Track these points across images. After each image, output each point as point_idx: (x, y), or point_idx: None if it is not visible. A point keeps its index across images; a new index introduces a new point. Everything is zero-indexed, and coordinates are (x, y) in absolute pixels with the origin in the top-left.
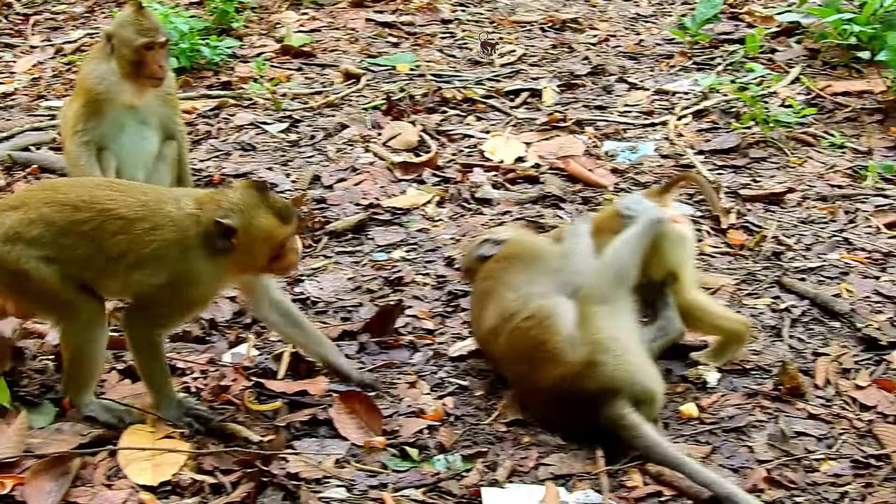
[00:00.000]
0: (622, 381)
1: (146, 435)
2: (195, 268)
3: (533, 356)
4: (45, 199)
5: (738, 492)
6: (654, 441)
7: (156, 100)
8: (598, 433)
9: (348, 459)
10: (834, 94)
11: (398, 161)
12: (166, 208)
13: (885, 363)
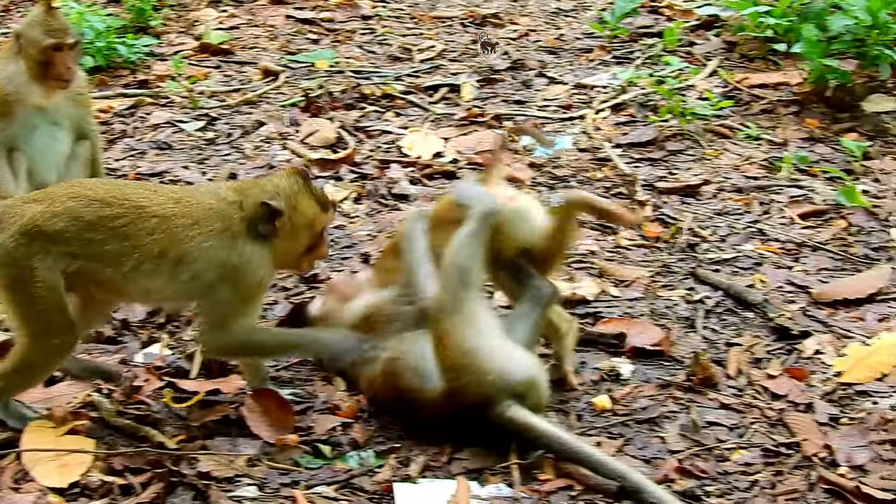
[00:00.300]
0: (494, 387)
1: (48, 433)
2: (246, 254)
3: (405, 399)
4: (71, 194)
5: (646, 482)
6: (554, 436)
7: (67, 100)
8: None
9: (260, 458)
10: (751, 87)
11: (315, 158)
12: (204, 201)
13: (796, 352)
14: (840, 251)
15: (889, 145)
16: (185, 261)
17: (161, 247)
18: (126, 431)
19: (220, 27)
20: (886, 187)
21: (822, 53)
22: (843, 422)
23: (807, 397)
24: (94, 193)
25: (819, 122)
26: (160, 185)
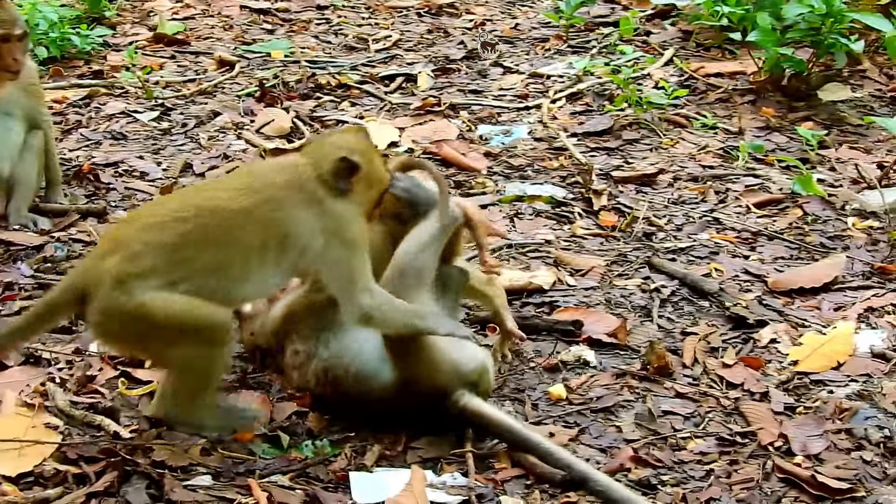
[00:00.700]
0: (447, 377)
1: (22, 421)
2: (338, 211)
3: (352, 397)
4: (139, 228)
5: (592, 471)
6: (505, 424)
7: (19, 91)
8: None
9: (215, 447)
10: (706, 76)
11: (271, 148)
12: (273, 179)
13: (752, 341)
14: (796, 240)
15: (845, 134)
16: (287, 242)
17: (258, 238)
18: (80, 420)
19: (175, 17)
20: (842, 176)
21: (778, 42)
22: (799, 411)
23: (762, 386)
24: (160, 218)
25: (775, 111)
26: (212, 180)
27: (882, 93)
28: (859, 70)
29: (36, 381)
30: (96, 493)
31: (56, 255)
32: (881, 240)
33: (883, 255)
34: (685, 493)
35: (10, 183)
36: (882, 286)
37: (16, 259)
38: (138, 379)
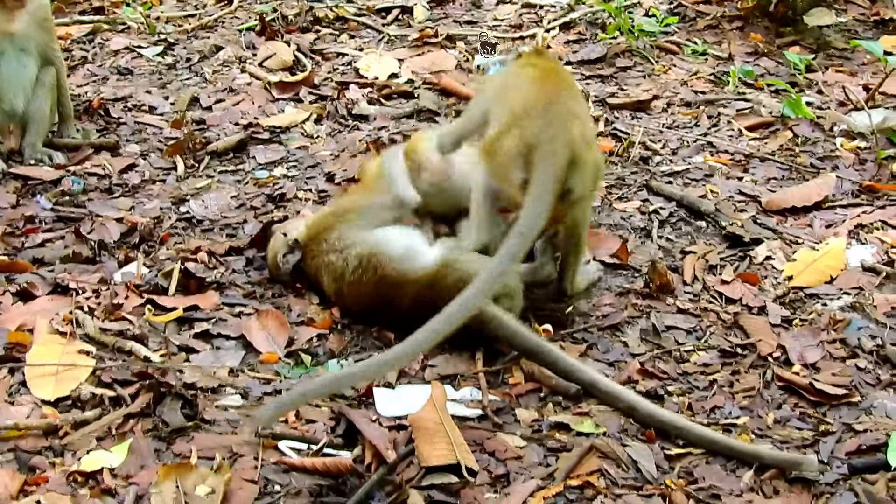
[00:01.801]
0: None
1: (56, 348)
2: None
3: (382, 294)
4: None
5: (600, 377)
6: (515, 329)
7: (32, 26)
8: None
9: (242, 369)
10: (696, 3)
11: (275, 81)
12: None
13: (748, 258)
14: (787, 161)
15: (831, 58)
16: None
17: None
18: (111, 346)
19: None
20: (829, 99)
21: None
22: (795, 323)
23: (760, 301)
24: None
25: (763, 37)
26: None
27: (865, 17)
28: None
29: (65, 310)
30: (133, 413)
31: (73, 188)
32: (868, 159)
33: (870, 174)
34: (691, 403)
35: (25, 119)
36: (870, 203)
37: (34, 193)
38: (163, 306)
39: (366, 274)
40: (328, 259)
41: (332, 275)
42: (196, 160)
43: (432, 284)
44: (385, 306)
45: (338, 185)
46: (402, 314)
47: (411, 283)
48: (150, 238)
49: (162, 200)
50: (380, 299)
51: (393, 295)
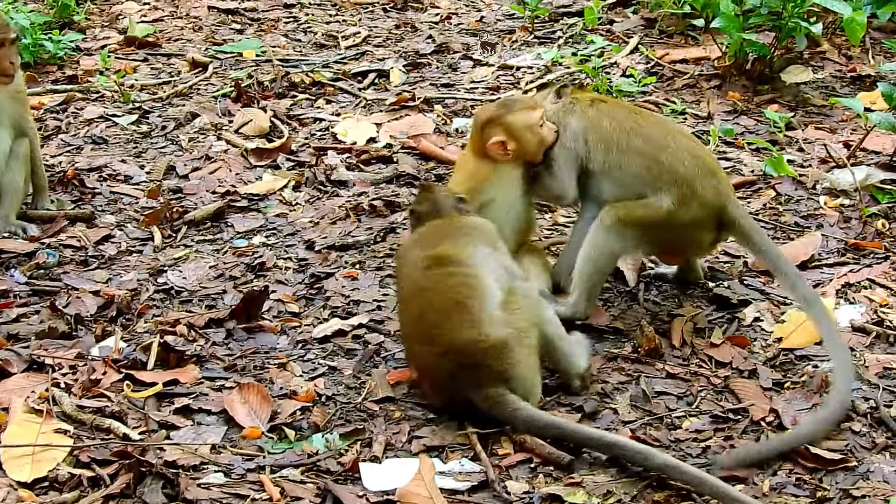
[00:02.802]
0: (517, 377)
1: (32, 427)
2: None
3: (449, 309)
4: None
5: (621, 438)
6: (532, 413)
7: (7, 98)
8: (461, 405)
9: (225, 445)
10: (672, 62)
11: (252, 147)
12: None
13: (737, 321)
14: (771, 220)
15: (810, 115)
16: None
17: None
18: (89, 424)
19: (144, 20)
20: (811, 156)
21: (740, 27)
22: (787, 386)
23: (750, 364)
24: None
25: (741, 95)
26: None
27: (842, 73)
28: (819, 52)
29: (41, 388)
30: (113, 494)
31: (48, 261)
32: (853, 217)
33: (855, 232)
34: None
35: None
36: (857, 262)
37: (8, 267)
38: (142, 381)
39: (455, 279)
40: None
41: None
42: (173, 230)
43: (482, 351)
44: (427, 322)
45: (318, 252)
46: (427, 345)
47: (472, 329)
48: (127, 311)
49: (139, 272)
50: (438, 313)
51: (449, 322)
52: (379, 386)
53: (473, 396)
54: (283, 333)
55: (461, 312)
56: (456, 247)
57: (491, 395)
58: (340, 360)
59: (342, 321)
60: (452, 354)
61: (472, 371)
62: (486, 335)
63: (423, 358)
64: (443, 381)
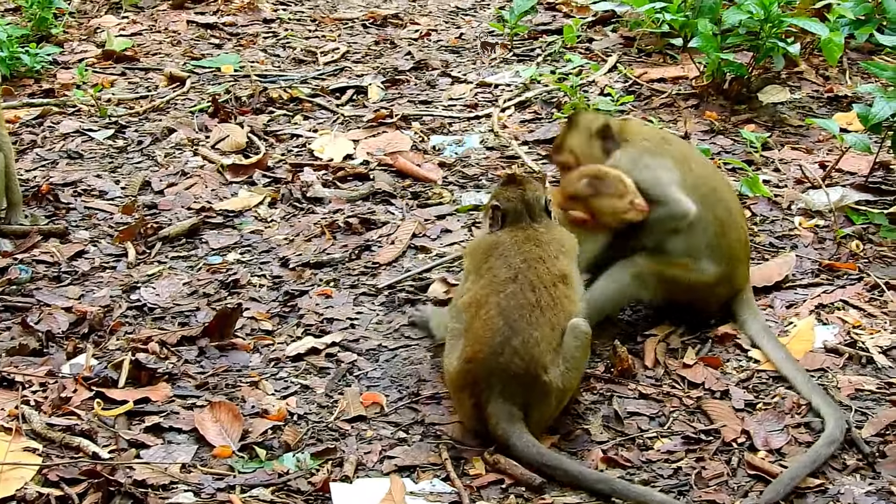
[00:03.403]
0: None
1: (0, 445)
2: None
3: (549, 328)
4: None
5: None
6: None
7: None
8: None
9: (195, 464)
10: (650, 81)
11: (228, 163)
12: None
13: (710, 341)
14: None
15: (786, 135)
16: None
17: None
18: (58, 443)
19: (122, 34)
20: (786, 176)
21: (718, 47)
22: (759, 407)
23: (723, 384)
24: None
25: (718, 115)
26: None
27: (819, 93)
28: (797, 72)
29: (10, 405)
30: None
31: (20, 276)
32: (827, 238)
33: (830, 253)
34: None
35: None
36: (831, 283)
37: None
38: (113, 399)
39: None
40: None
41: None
42: (147, 246)
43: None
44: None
45: (292, 269)
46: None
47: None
48: (99, 328)
49: (112, 288)
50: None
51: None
52: (351, 405)
53: (494, 404)
54: (256, 351)
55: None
56: (570, 268)
57: (511, 414)
58: (313, 379)
59: (315, 339)
60: (519, 361)
61: (518, 387)
62: (551, 378)
63: (489, 327)
64: (487, 374)
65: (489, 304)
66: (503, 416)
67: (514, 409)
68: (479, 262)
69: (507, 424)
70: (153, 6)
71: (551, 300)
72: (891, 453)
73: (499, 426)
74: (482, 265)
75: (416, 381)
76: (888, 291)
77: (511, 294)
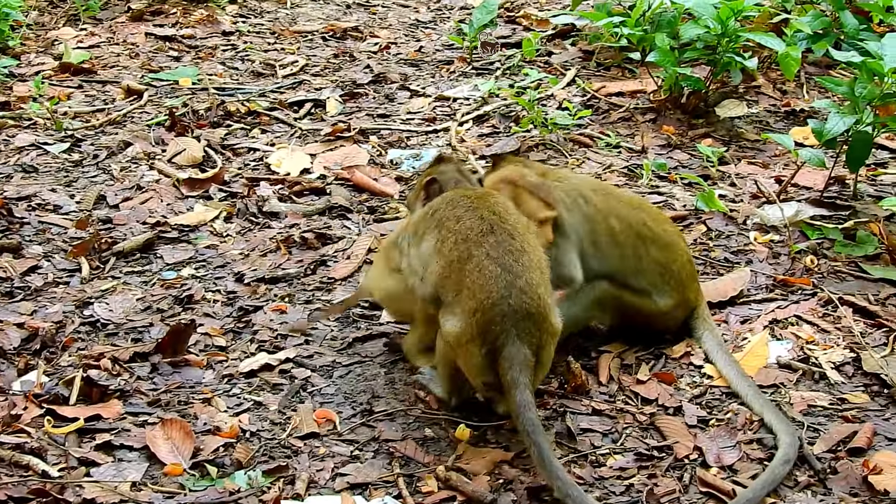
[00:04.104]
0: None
1: None
2: None
3: (541, 270)
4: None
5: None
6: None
7: None
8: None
9: (145, 482)
10: (608, 95)
11: (184, 177)
12: None
13: (664, 357)
14: (701, 255)
15: (743, 150)
16: None
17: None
18: (7, 461)
19: (80, 46)
20: (742, 191)
21: (676, 62)
22: (712, 423)
23: (676, 401)
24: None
25: (675, 129)
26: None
27: (776, 108)
28: (754, 86)
29: None
30: None
31: None
32: (782, 253)
33: (784, 268)
34: None
35: None
36: (785, 298)
37: None
38: (64, 416)
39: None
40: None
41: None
42: (101, 261)
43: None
44: None
45: (247, 285)
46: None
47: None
48: (51, 344)
49: (65, 304)
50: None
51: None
52: (304, 422)
53: (510, 347)
54: (209, 368)
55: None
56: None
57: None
58: (266, 395)
59: (269, 355)
60: (528, 300)
61: (531, 327)
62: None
63: (486, 276)
64: (500, 317)
65: (475, 256)
66: (517, 360)
67: (528, 351)
68: (430, 223)
69: (517, 371)
70: (112, 18)
71: (532, 245)
72: (842, 469)
73: (510, 372)
74: (440, 226)
75: (370, 397)
76: (842, 307)
77: (495, 244)
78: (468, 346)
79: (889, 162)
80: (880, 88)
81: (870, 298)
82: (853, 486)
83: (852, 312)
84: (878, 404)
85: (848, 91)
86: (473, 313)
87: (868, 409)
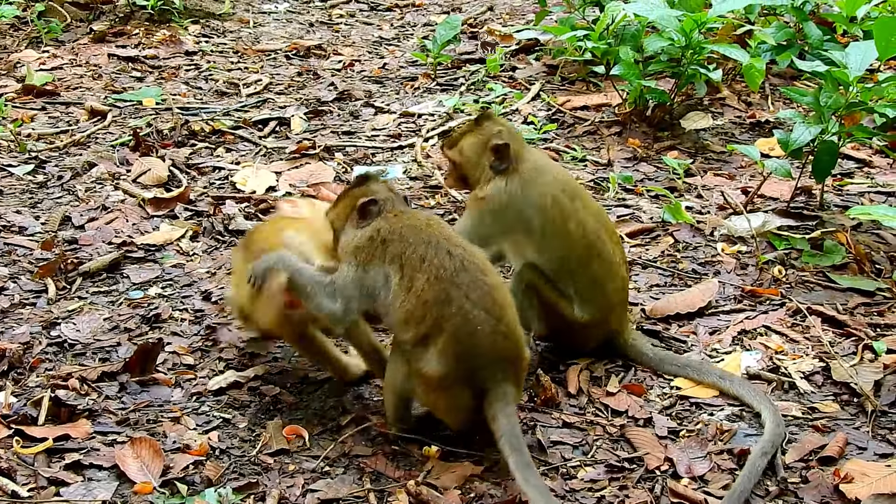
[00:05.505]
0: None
1: None
2: None
3: (509, 307)
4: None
5: None
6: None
7: None
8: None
9: (115, 501)
10: (573, 109)
11: (149, 197)
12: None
13: (633, 368)
14: (669, 267)
15: (709, 161)
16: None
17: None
18: None
19: (43, 68)
20: (709, 203)
21: (640, 75)
22: (682, 434)
23: (646, 412)
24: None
25: (641, 142)
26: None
27: (742, 119)
28: (719, 98)
29: None
30: None
31: None
32: (749, 263)
33: (752, 279)
34: None
35: None
36: (753, 309)
37: None
38: (32, 437)
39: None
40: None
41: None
42: (68, 282)
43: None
44: None
45: (214, 303)
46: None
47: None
48: (19, 365)
49: (32, 325)
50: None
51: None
52: (274, 438)
53: (496, 390)
54: (178, 386)
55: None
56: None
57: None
58: (235, 413)
59: (237, 373)
60: (509, 343)
61: (511, 368)
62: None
63: (472, 322)
64: (486, 363)
65: (455, 299)
66: (500, 398)
67: (513, 389)
68: (380, 254)
69: (502, 403)
70: (74, 40)
71: (494, 273)
72: (813, 479)
73: (493, 407)
74: (402, 263)
75: (340, 413)
76: (810, 317)
77: (472, 284)
78: (454, 388)
79: (855, 171)
80: (845, 98)
81: (838, 308)
82: (825, 495)
83: (821, 322)
84: (849, 413)
85: (813, 101)
86: (458, 359)
87: (838, 418)
